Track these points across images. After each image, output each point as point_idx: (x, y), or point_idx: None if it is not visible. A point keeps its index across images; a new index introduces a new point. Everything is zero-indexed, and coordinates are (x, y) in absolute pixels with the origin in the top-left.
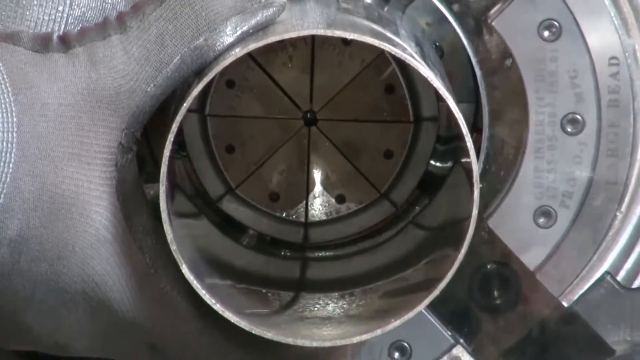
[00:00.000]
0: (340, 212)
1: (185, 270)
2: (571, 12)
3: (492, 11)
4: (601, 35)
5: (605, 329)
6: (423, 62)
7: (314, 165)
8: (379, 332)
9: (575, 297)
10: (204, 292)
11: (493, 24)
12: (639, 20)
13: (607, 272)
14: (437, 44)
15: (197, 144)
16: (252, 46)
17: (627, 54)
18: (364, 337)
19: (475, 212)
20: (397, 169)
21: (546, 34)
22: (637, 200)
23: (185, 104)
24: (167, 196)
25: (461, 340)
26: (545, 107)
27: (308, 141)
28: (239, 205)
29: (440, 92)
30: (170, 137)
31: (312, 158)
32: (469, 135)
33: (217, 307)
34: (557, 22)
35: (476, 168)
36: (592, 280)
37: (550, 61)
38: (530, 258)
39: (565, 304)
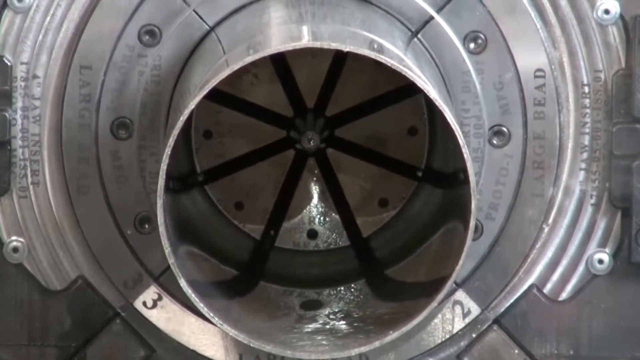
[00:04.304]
0: (390, 215)
1: (183, 284)
2: (497, 25)
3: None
4: (527, 48)
5: (532, 342)
6: (422, 76)
7: (340, 182)
8: (377, 344)
9: (502, 309)
10: (202, 305)
11: (419, 36)
12: (565, 32)
13: (533, 285)
14: None
15: (207, 215)
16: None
17: (553, 67)
18: (362, 349)
19: (473, 222)
20: (427, 144)
21: (472, 46)
22: (564, 212)
23: (176, 129)
24: (165, 209)
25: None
26: (471, 119)
27: (328, 163)
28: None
29: (437, 103)
30: (168, 151)
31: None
32: (465, 147)
33: (215, 320)
34: (483, 34)
35: (474, 179)
36: (519, 293)
37: (476, 73)
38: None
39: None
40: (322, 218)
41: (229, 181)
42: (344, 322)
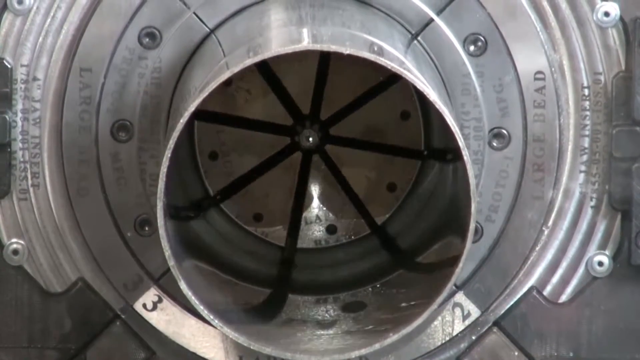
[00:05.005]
0: (400, 198)
1: (183, 286)
2: (497, 27)
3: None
4: (527, 50)
5: (532, 344)
6: (422, 78)
7: (346, 176)
8: (377, 346)
9: (502, 311)
10: (202, 307)
11: (419, 38)
12: (565, 35)
13: (533, 287)
14: None
15: (229, 236)
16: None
17: (553, 69)
18: (362, 351)
19: (472, 224)
20: (422, 124)
21: (472, 48)
22: (563, 215)
23: (179, 125)
24: (165, 212)
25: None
26: (471, 122)
27: (329, 162)
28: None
29: (437, 106)
30: (168, 153)
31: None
32: (465, 149)
33: (216, 322)
34: (483, 36)
35: (473, 182)
36: (518, 295)
37: (476, 76)
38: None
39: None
40: (337, 212)
41: (243, 195)
42: (344, 325)
